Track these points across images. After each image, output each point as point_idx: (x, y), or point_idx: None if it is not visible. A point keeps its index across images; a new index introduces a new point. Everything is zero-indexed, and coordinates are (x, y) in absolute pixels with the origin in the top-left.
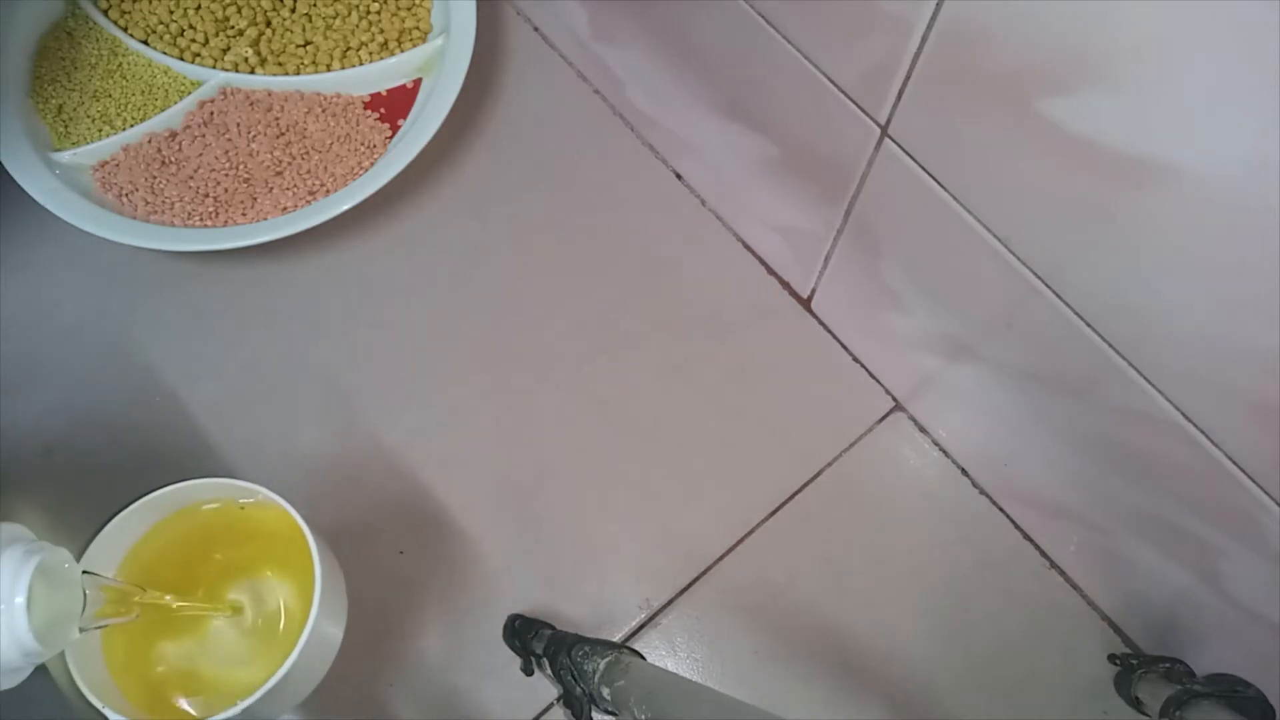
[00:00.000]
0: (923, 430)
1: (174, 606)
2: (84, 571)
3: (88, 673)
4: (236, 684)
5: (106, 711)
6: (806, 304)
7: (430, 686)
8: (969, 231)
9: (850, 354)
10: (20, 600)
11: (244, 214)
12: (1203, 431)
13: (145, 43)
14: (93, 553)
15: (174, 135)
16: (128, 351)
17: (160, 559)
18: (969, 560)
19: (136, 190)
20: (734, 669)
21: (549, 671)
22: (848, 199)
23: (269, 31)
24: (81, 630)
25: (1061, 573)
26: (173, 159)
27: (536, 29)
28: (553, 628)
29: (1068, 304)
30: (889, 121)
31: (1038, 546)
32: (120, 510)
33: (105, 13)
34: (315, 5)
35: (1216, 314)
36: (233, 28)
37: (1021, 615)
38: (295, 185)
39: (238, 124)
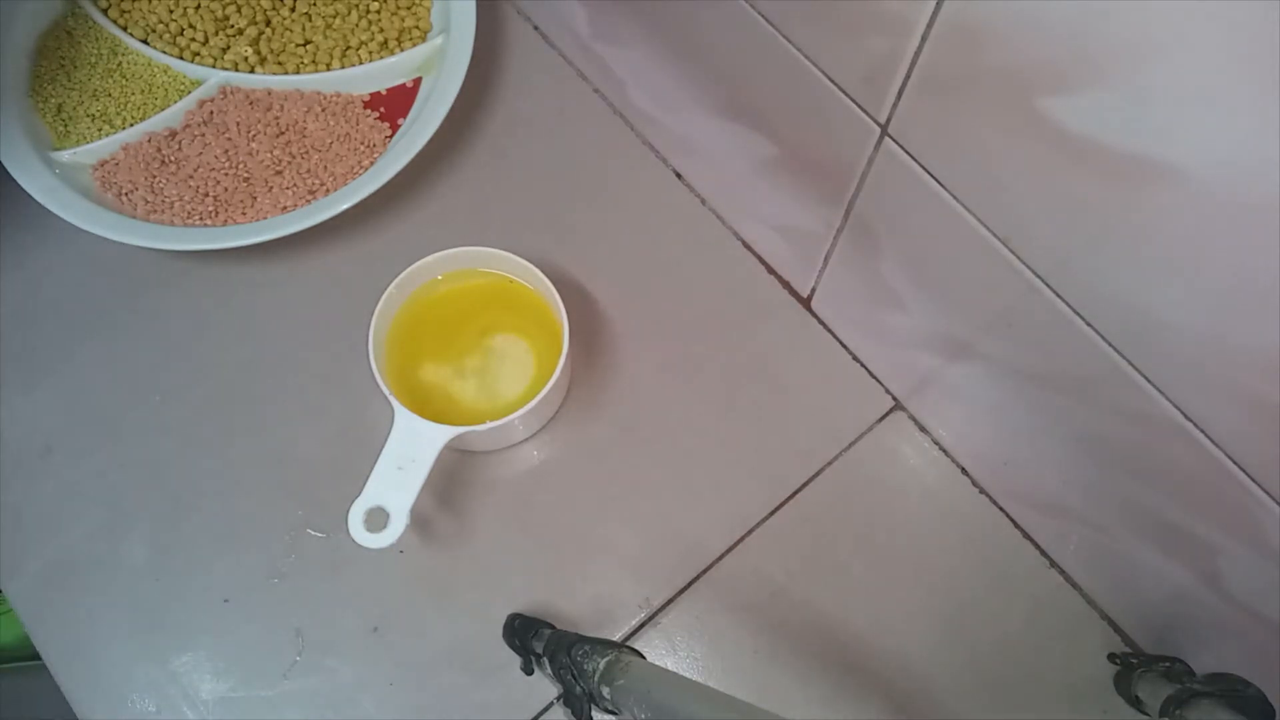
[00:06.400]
0: (923, 429)
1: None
2: None
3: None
4: (476, 413)
5: (393, 400)
6: (806, 303)
7: (430, 685)
8: (969, 231)
9: (850, 353)
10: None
11: (244, 213)
12: (1203, 431)
13: (145, 42)
14: (403, 277)
15: (174, 134)
16: (127, 351)
17: (446, 297)
18: (969, 559)
19: (136, 189)
20: (734, 668)
21: (549, 671)
22: (848, 199)
23: (269, 30)
24: None
25: (1061, 572)
26: (172, 158)
27: (536, 28)
28: (553, 627)
29: (1068, 303)
30: (889, 121)
31: (1038, 546)
32: (425, 256)
33: (105, 12)
34: (315, 4)
35: (1216, 313)
36: (232, 27)
37: (1021, 614)
38: (295, 184)
39: (237, 123)
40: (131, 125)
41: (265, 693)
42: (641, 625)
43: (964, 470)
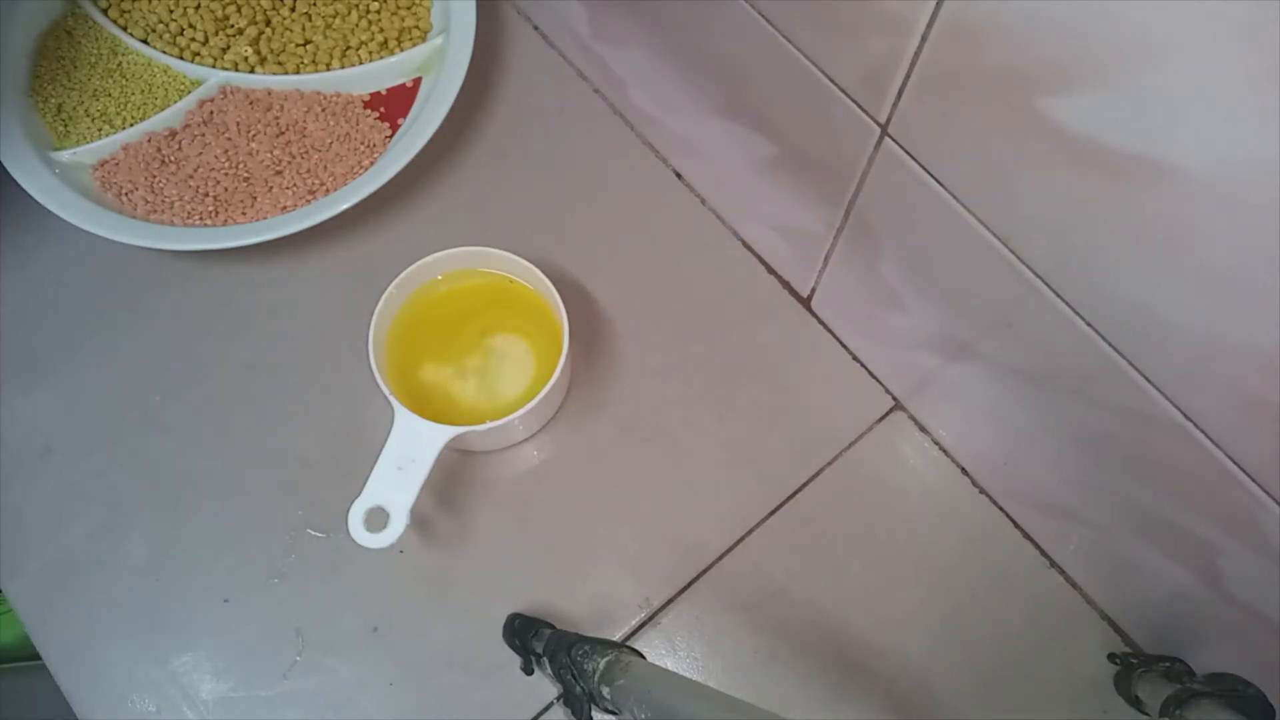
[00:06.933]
0: (922, 429)
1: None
2: None
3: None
4: (476, 413)
5: (393, 400)
6: (806, 303)
7: (430, 685)
8: (969, 231)
9: (850, 353)
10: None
11: (243, 213)
12: (1202, 430)
13: (145, 42)
14: (403, 277)
15: (174, 134)
16: (127, 351)
17: (446, 298)
18: (969, 559)
19: (136, 189)
20: (734, 668)
21: (549, 671)
22: (848, 198)
23: (269, 30)
24: None
25: (1061, 572)
26: (172, 158)
27: (536, 28)
28: (553, 627)
29: (1068, 303)
30: (889, 121)
31: (1038, 546)
32: (425, 256)
33: (105, 12)
34: (315, 4)
35: (1216, 313)
36: (232, 26)
37: (1021, 614)
38: (295, 184)
39: (237, 123)
40: (131, 125)
41: (265, 693)
42: (641, 625)
43: (964, 470)
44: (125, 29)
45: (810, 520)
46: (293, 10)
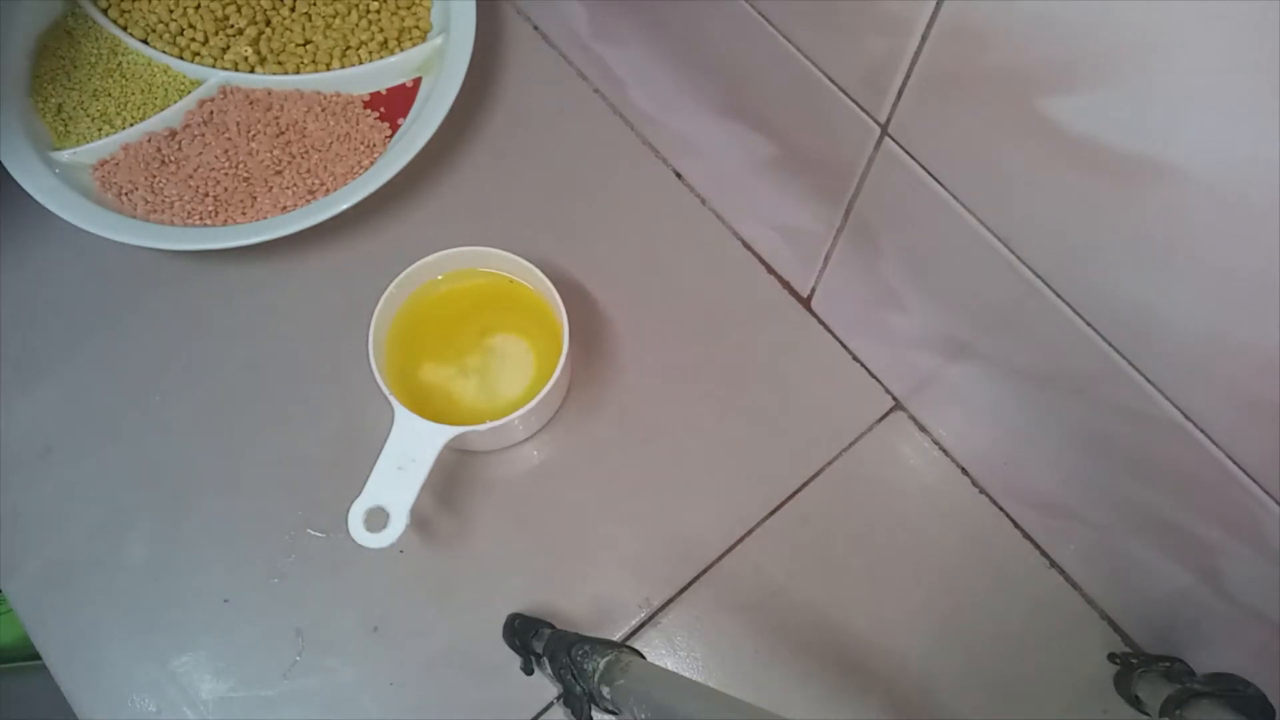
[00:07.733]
0: (922, 429)
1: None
2: None
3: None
4: (476, 413)
5: (393, 400)
6: (806, 303)
7: (430, 685)
8: (969, 231)
9: (850, 353)
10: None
11: (243, 213)
12: (1202, 430)
13: (145, 41)
14: (403, 277)
15: (174, 134)
16: (127, 351)
17: (446, 297)
18: (969, 560)
19: (136, 189)
20: (733, 668)
21: (549, 670)
22: (847, 198)
23: (269, 30)
24: None
25: (1061, 572)
26: (172, 158)
27: (536, 28)
28: (553, 627)
29: (1068, 303)
30: (889, 121)
31: (1038, 546)
32: (425, 256)
33: (105, 12)
34: (315, 4)
35: (1216, 313)
36: (232, 26)
37: (1021, 614)
38: (295, 184)
39: (237, 123)
40: (131, 125)
41: (265, 693)
42: (641, 625)
43: (964, 470)
44: (125, 29)
45: (810, 520)
46: (293, 10)
